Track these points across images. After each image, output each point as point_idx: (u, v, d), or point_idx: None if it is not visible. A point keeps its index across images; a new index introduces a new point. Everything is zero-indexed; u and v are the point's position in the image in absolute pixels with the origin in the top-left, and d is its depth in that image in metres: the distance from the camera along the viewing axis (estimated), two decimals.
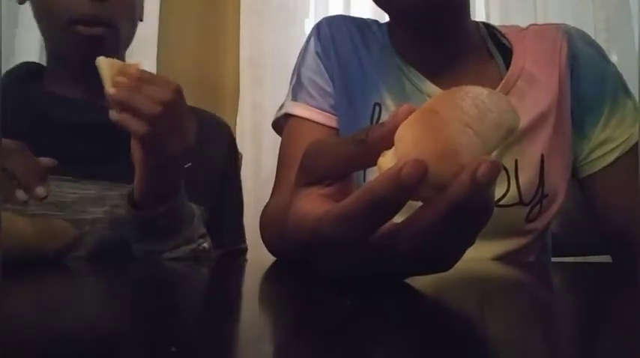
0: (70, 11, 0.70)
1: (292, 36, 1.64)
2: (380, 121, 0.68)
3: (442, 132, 0.28)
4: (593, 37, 0.74)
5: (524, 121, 0.63)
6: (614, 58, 1.37)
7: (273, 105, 1.57)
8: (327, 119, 0.72)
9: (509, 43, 0.72)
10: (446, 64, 0.69)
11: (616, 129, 0.66)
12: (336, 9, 1.63)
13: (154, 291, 0.38)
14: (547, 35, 0.71)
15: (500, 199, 0.63)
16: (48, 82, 0.78)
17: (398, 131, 0.30)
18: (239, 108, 1.60)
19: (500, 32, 0.73)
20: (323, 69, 0.74)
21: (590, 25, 1.41)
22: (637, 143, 0.65)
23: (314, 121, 0.72)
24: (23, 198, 0.54)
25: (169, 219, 0.62)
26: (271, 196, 0.74)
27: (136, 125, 0.55)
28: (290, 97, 0.76)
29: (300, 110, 0.73)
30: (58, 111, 0.73)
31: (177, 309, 0.29)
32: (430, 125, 0.29)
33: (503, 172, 0.63)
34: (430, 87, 0.69)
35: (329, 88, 0.73)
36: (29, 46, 1.38)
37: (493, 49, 0.72)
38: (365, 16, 0.81)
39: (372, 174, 0.56)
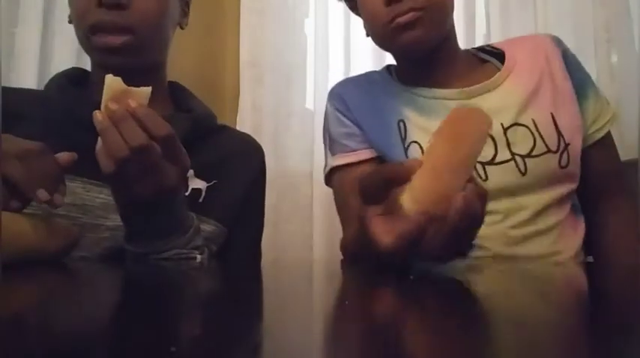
0: (88, 19, 0.70)
1: (292, 36, 1.63)
2: (407, 133, 0.86)
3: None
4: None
5: (526, 91, 0.82)
6: (614, 58, 1.37)
7: (273, 106, 1.58)
8: (363, 154, 0.86)
9: (499, 50, 0.89)
10: (444, 73, 0.86)
11: (602, 109, 0.85)
12: (335, 9, 1.62)
13: (153, 292, 0.38)
14: (532, 37, 0.92)
15: (531, 151, 0.79)
16: (92, 88, 0.79)
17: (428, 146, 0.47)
18: (239, 108, 1.60)
19: (489, 45, 0.92)
20: (344, 119, 0.89)
21: (590, 25, 1.40)
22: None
23: (353, 163, 0.86)
24: (45, 197, 0.54)
25: (154, 227, 0.62)
26: (343, 231, 0.88)
27: (103, 162, 0.54)
28: (329, 155, 0.91)
29: (339, 160, 0.88)
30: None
31: (176, 310, 0.29)
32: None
33: (527, 131, 0.80)
34: (439, 92, 0.85)
35: (355, 130, 0.87)
36: (29, 46, 1.38)
37: (485, 56, 0.90)
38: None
39: None
